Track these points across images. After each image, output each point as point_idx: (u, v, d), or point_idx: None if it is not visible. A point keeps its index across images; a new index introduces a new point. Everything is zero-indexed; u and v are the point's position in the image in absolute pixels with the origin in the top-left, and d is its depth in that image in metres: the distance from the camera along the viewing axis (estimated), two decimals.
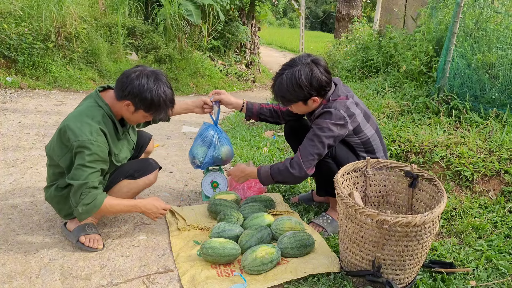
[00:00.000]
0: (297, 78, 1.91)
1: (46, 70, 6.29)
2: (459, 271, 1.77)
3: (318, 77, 1.92)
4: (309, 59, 1.95)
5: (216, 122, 2.53)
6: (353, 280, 1.73)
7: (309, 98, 1.97)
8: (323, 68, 1.95)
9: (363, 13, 10.86)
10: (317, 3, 34.41)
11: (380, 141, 2.15)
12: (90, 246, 1.97)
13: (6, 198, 2.49)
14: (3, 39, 5.84)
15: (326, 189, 2.17)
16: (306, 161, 1.96)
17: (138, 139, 2.28)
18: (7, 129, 3.95)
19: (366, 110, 2.10)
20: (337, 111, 1.94)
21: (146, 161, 2.17)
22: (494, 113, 2.92)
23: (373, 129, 2.10)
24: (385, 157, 2.19)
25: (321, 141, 1.93)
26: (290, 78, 1.93)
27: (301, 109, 2.08)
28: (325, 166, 2.06)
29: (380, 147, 2.15)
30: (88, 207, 1.78)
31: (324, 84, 1.95)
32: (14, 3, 6.37)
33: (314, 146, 1.95)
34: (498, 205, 2.26)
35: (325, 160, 2.04)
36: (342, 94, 2.02)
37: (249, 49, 10.53)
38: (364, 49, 5.38)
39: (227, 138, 2.56)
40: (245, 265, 1.77)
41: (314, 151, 1.95)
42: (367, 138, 2.07)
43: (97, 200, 1.79)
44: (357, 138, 2.06)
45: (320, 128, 1.94)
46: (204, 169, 2.55)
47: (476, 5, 3.30)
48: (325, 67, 1.97)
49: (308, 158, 1.96)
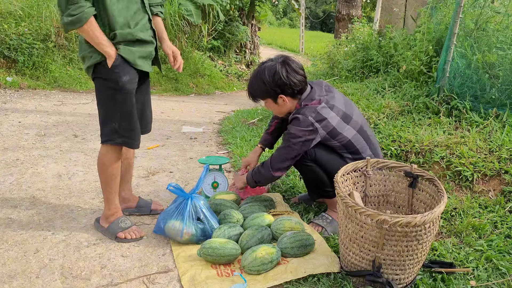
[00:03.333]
0: (261, 74, 2.04)
1: (46, 70, 6.29)
2: (459, 271, 1.77)
3: (281, 75, 2.00)
4: (280, 59, 2.05)
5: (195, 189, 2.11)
6: (353, 280, 1.73)
7: (275, 96, 2.05)
8: (291, 68, 2.02)
9: (363, 13, 10.86)
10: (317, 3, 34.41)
11: (365, 141, 2.12)
12: (132, 238, 2.05)
13: (6, 198, 2.49)
14: (3, 39, 5.84)
15: (317, 192, 2.20)
16: (273, 162, 2.09)
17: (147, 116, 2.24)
18: (7, 129, 3.95)
19: (347, 112, 2.07)
20: (304, 117, 1.98)
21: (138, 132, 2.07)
22: (494, 113, 2.92)
23: (355, 130, 2.08)
24: (376, 155, 2.17)
25: (289, 145, 2.02)
26: (256, 75, 2.07)
27: (274, 108, 2.16)
28: (309, 170, 2.10)
29: (366, 146, 2.12)
30: (74, 18, 1.75)
31: (288, 83, 2.01)
32: (14, 3, 6.37)
33: (283, 149, 2.05)
34: (498, 205, 2.26)
35: (307, 164, 2.08)
36: (316, 97, 2.04)
37: (249, 49, 10.53)
38: (364, 49, 5.38)
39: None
40: (245, 265, 1.77)
41: (283, 154, 2.05)
42: (348, 140, 2.06)
43: (83, 13, 1.75)
44: (335, 142, 2.06)
45: (289, 133, 2.03)
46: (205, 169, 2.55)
47: (476, 5, 3.30)
48: (294, 67, 2.03)
49: (276, 160, 2.08)
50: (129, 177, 2.33)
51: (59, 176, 2.90)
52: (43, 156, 3.27)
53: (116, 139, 1.97)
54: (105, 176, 2.04)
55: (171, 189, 2.02)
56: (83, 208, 2.42)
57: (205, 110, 6.02)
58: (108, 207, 2.10)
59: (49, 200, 2.50)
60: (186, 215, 1.98)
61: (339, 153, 2.11)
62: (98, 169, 2.05)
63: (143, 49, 1.96)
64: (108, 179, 2.04)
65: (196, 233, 1.99)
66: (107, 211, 2.10)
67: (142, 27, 1.94)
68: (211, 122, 5.08)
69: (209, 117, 5.41)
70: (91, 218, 2.29)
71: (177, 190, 2.02)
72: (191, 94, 7.72)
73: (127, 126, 1.97)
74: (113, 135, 1.97)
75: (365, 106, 3.64)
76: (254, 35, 10.63)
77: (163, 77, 7.80)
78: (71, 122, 4.44)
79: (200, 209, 2.04)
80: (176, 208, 2.03)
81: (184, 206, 2.01)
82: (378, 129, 3.19)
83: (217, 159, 2.69)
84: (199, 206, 2.04)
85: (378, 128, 3.19)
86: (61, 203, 2.48)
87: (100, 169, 2.04)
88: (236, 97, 7.77)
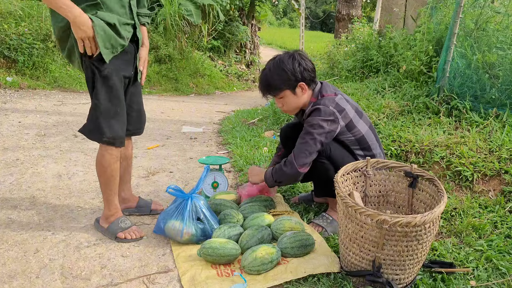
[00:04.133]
0: (279, 62, 2.06)
1: (46, 70, 6.29)
2: (459, 271, 1.77)
3: (300, 61, 2.03)
4: (291, 51, 2.10)
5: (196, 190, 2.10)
6: (353, 280, 1.73)
7: (295, 84, 2.04)
8: (304, 56, 2.07)
9: (363, 13, 10.86)
10: (317, 3, 34.41)
11: (375, 138, 2.17)
12: (132, 238, 2.04)
13: (6, 198, 2.49)
14: (3, 39, 5.84)
15: (324, 190, 2.19)
16: (298, 158, 2.00)
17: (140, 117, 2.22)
18: (7, 129, 3.95)
19: (358, 107, 2.14)
20: (326, 107, 1.98)
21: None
22: (494, 113, 2.92)
23: (367, 125, 2.13)
24: (382, 154, 2.20)
25: (312, 138, 1.97)
26: (273, 64, 2.07)
27: (291, 101, 2.11)
28: (321, 166, 2.08)
29: (376, 143, 2.17)
30: None
31: (308, 69, 2.04)
32: (14, 3, 6.37)
33: (305, 143, 1.99)
34: (498, 205, 2.26)
35: (321, 160, 2.06)
36: (331, 90, 2.09)
37: (249, 49, 10.53)
38: (364, 49, 5.38)
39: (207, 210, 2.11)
40: (245, 265, 1.77)
41: (306, 148, 1.99)
42: (362, 135, 2.09)
43: None
44: (351, 135, 2.08)
45: (311, 125, 1.99)
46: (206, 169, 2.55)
47: (476, 5, 3.30)
48: (307, 57, 2.09)
49: (300, 155, 2.00)
50: (128, 177, 2.33)
51: (59, 176, 2.90)
52: (43, 156, 3.27)
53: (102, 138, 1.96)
54: (104, 177, 2.04)
55: (170, 192, 2.01)
56: (83, 208, 2.42)
57: (205, 110, 6.02)
58: (108, 208, 2.10)
59: (49, 200, 2.50)
60: (186, 215, 1.98)
61: (352, 150, 2.12)
62: (97, 170, 2.05)
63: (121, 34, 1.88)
64: (107, 180, 2.04)
65: (196, 233, 1.99)
66: (107, 211, 2.10)
67: (125, 28, 1.90)
68: (211, 122, 5.08)
69: (209, 117, 5.42)
70: (91, 218, 2.29)
71: (177, 192, 2.02)
72: (191, 94, 7.72)
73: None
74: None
75: (365, 106, 3.64)
76: (254, 35, 10.64)
77: (163, 77, 7.80)
78: (71, 122, 4.44)
79: (200, 209, 2.04)
80: (176, 208, 2.03)
81: (184, 206, 2.01)
82: (378, 129, 3.19)
83: (217, 159, 2.69)
84: (199, 206, 2.04)
85: (378, 128, 3.19)
86: (61, 203, 2.48)
87: (99, 171, 2.04)
88: (236, 97, 7.77)
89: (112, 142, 1.95)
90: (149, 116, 2.45)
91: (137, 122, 2.18)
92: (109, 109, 1.91)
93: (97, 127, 1.92)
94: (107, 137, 1.93)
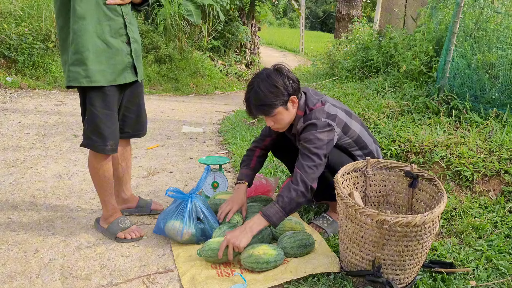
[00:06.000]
0: (268, 79, 1.93)
1: (46, 70, 6.29)
2: (459, 271, 1.77)
3: (287, 74, 1.97)
4: (270, 67, 2.01)
5: (196, 190, 2.09)
6: (353, 280, 1.73)
7: (287, 99, 1.96)
8: (287, 68, 2.01)
9: (363, 13, 10.85)
10: (317, 3, 34.40)
11: (368, 134, 2.18)
12: (132, 238, 2.05)
13: (6, 198, 2.49)
14: (3, 39, 5.84)
15: (322, 195, 2.17)
16: (306, 174, 1.89)
17: (140, 121, 2.21)
18: (7, 129, 3.95)
19: (346, 108, 2.12)
20: (318, 120, 1.94)
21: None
22: (494, 113, 2.92)
23: (359, 123, 2.13)
24: (378, 148, 2.21)
25: (313, 153, 1.91)
26: (263, 82, 1.93)
27: (285, 118, 2.00)
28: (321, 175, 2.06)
29: (370, 139, 2.18)
30: None
31: (295, 80, 1.99)
32: (14, 3, 6.38)
33: (308, 159, 1.91)
34: (498, 205, 2.26)
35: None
36: (316, 101, 2.02)
37: (249, 49, 10.53)
38: (364, 49, 5.38)
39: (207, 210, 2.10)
40: (241, 258, 1.81)
41: (311, 164, 1.91)
42: (357, 134, 2.09)
43: None
44: (347, 138, 2.07)
45: (308, 140, 1.92)
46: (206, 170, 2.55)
47: (476, 5, 3.30)
48: (288, 68, 2.02)
49: (308, 172, 1.89)
50: (128, 178, 2.32)
51: (59, 176, 2.90)
52: (43, 156, 3.27)
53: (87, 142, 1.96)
54: (97, 178, 2.03)
55: (169, 195, 2.01)
56: (83, 208, 2.42)
57: (205, 110, 6.02)
58: (105, 209, 2.10)
59: (49, 200, 2.50)
60: (186, 215, 1.98)
61: (350, 152, 2.11)
62: (90, 172, 2.05)
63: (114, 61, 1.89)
64: (100, 181, 2.04)
65: (196, 233, 1.99)
66: (105, 212, 2.10)
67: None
68: (211, 122, 5.08)
69: (209, 117, 5.42)
70: (91, 218, 2.29)
71: (177, 194, 2.02)
72: (191, 94, 7.72)
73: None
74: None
75: (365, 106, 3.64)
76: (254, 35, 10.64)
77: (163, 77, 7.80)
78: (71, 122, 4.44)
79: (200, 209, 2.03)
80: (176, 208, 2.03)
81: (184, 206, 2.01)
82: (378, 129, 3.19)
83: (217, 159, 2.69)
84: (199, 206, 2.04)
85: (378, 128, 3.19)
86: (61, 203, 2.48)
87: (91, 173, 2.04)
88: (236, 97, 7.77)
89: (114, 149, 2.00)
90: (149, 116, 2.44)
91: (136, 124, 2.17)
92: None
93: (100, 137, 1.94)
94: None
